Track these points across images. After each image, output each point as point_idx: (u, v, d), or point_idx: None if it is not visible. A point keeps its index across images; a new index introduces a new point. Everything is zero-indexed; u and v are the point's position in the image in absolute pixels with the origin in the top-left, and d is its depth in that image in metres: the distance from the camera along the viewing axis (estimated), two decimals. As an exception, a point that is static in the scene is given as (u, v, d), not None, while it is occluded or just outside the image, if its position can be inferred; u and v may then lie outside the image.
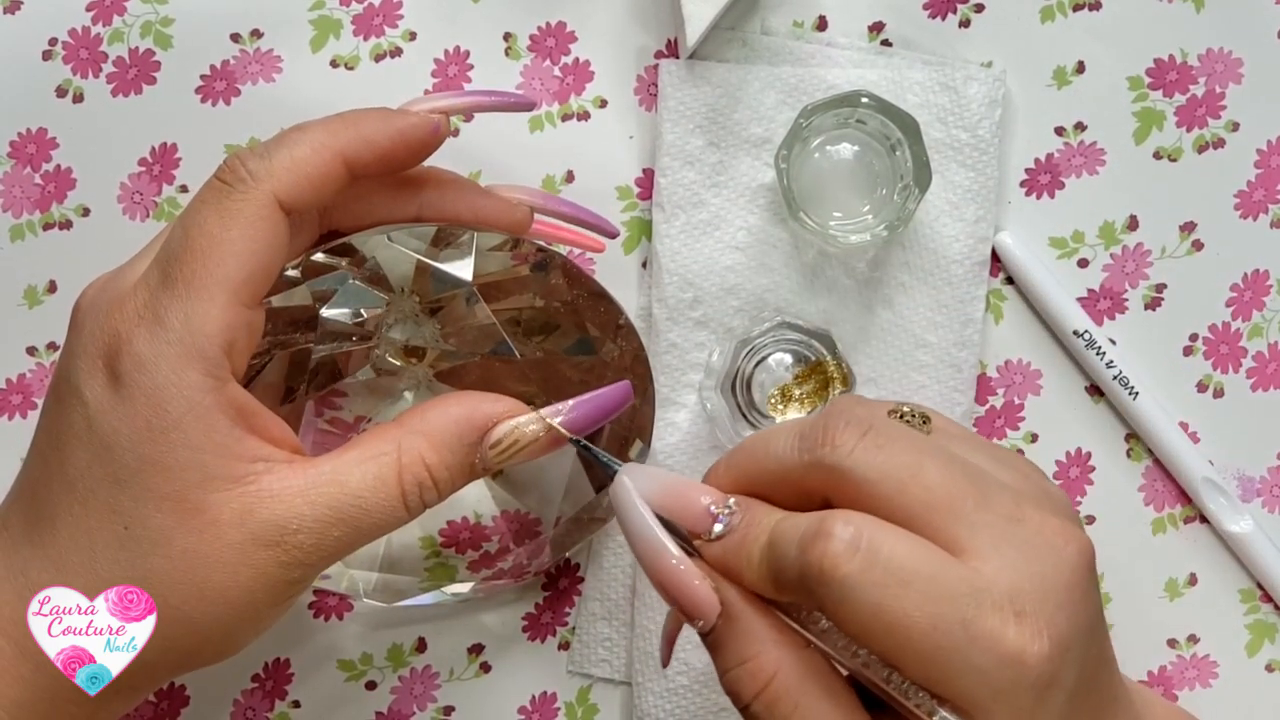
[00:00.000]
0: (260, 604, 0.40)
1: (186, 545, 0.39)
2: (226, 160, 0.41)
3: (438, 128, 0.44)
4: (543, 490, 0.51)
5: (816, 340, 0.51)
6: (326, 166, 0.41)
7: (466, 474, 0.43)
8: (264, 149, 0.41)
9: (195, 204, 0.40)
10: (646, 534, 0.38)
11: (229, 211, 0.40)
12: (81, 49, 0.54)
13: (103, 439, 0.39)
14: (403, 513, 0.41)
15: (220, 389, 0.39)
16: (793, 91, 0.54)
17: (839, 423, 0.37)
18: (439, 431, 0.42)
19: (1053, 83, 0.55)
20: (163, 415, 0.38)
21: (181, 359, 0.39)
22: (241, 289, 0.40)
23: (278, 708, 0.54)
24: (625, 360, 0.49)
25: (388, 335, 0.48)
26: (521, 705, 0.55)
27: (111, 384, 0.39)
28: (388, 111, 0.43)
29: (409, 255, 0.47)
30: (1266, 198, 0.56)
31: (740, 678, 0.37)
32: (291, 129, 0.42)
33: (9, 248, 0.54)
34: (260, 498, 0.39)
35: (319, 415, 0.49)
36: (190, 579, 0.39)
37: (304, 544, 0.40)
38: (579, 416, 0.43)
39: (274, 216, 0.40)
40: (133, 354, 0.39)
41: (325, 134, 0.41)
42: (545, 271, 0.48)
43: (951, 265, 0.54)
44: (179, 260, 0.39)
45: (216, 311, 0.39)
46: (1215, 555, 0.56)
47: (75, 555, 0.39)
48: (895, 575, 0.34)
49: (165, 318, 0.39)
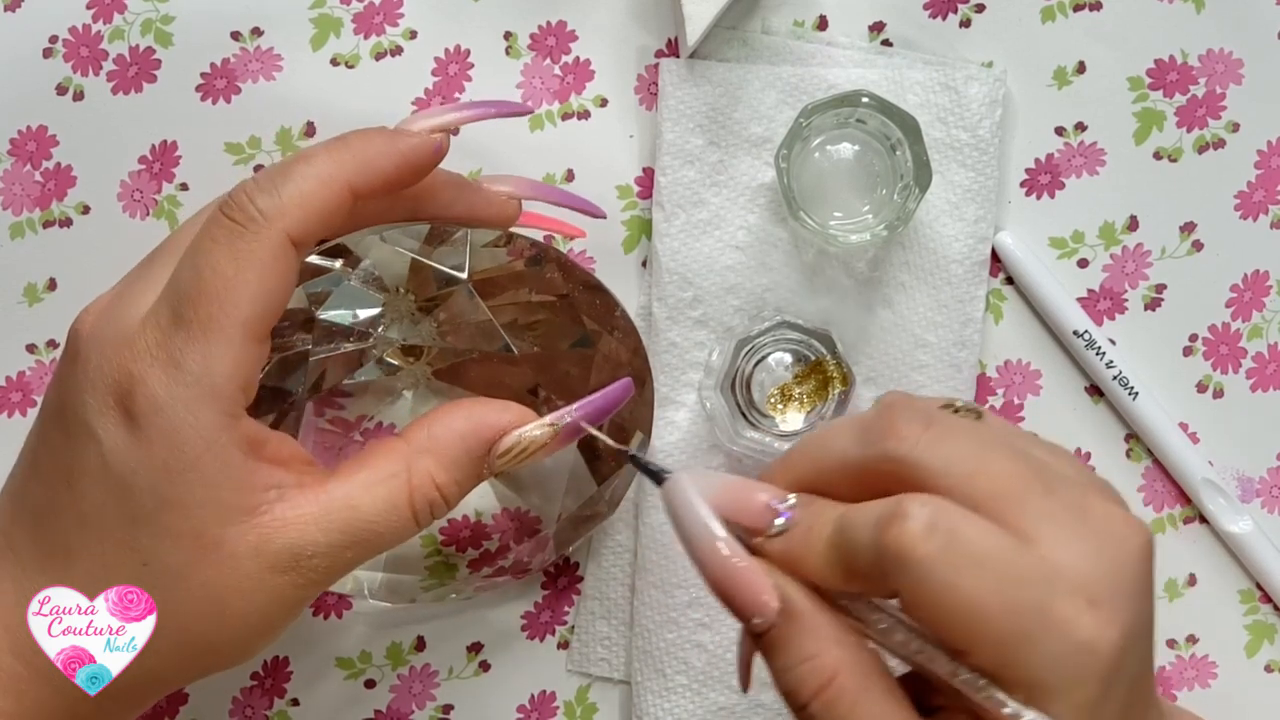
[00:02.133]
0: (276, 621, 0.41)
1: (205, 578, 0.39)
2: (234, 197, 0.40)
3: (439, 147, 0.43)
4: (544, 487, 0.51)
5: (816, 340, 0.51)
6: (335, 199, 0.41)
7: (474, 483, 0.44)
8: (271, 184, 0.40)
9: (205, 243, 0.40)
10: (703, 532, 0.37)
11: (242, 253, 0.39)
12: (82, 47, 0.54)
13: (120, 479, 0.39)
14: (414, 529, 0.42)
15: (235, 425, 0.39)
16: (793, 91, 0.54)
17: (902, 415, 0.37)
18: (447, 449, 0.42)
19: (1053, 83, 0.55)
20: (180, 456, 0.39)
21: (198, 400, 0.39)
22: (256, 327, 0.40)
23: (276, 706, 0.54)
24: (623, 352, 0.49)
25: (385, 335, 0.48)
26: (520, 704, 0.55)
27: (127, 424, 0.39)
28: (390, 134, 0.43)
29: (403, 254, 0.47)
30: (1266, 198, 0.56)
31: (802, 677, 0.36)
32: (297, 159, 0.41)
33: (9, 245, 0.54)
34: (275, 527, 0.40)
35: (319, 415, 0.49)
36: (209, 609, 0.40)
37: (318, 567, 0.40)
38: (582, 418, 0.44)
39: (287, 255, 0.40)
40: (148, 395, 0.39)
41: (332, 165, 0.41)
42: (540, 266, 0.48)
43: (951, 265, 0.54)
44: (192, 302, 0.39)
45: (234, 353, 0.39)
46: (1215, 556, 0.56)
47: (94, 589, 0.40)
48: (972, 558, 0.34)
49: (181, 360, 0.39)
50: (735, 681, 0.54)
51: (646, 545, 0.54)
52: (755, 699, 0.54)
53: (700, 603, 0.54)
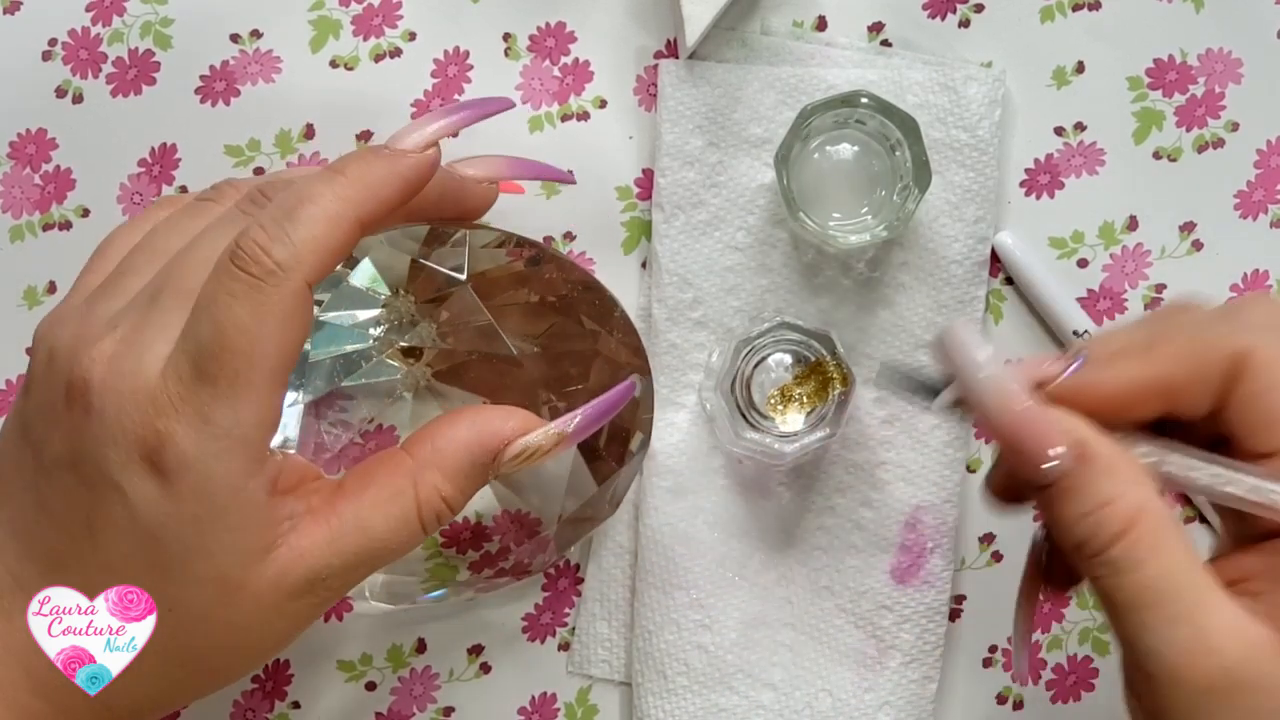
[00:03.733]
0: (288, 640, 0.42)
1: (226, 618, 0.40)
2: (245, 248, 0.39)
3: (435, 161, 0.43)
4: (544, 488, 0.51)
5: (816, 340, 0.51)
6: (346, 237, 0.40)
7: (478, 489, 0.44)
8: (282, 232, 0.39)
9: (223, 299, 0.39)
10: (990, 379, 0.37)
11: (264, 307, 0.39)
12: (81, 49, 0.54)
13: (149, 531, 0.39)
14: (422, 539, 0.43)
15: (261, 470, 0.40)
16: (792, 91, 0.54)
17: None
18: (452, 460, 0.42)
19: (1052, 83, 0.55)
20: (210, 508, 0.39)
21: (229, 454, 0.39)
22: (281, 376, 0.40)
23: (277, 708, 0.54)
24: (623, 352, 0.49)
25: (385, 336, 0.48)
26: (521, 706, 0.55)
27: (155, 479, 0.39)
28: (388, 158, 0.42)
29: (403, 256, 0.47)
30: (1266, 198, 0.56)
31: (1101, 521, 0.36)
32: (301, 200, 0.40)
33: (8, 248, 0.54)
34: (290, 560, 0.40)
35: (319, 418, 0.49)
36: (230, 644, 0.41)
37: (333, 586, 0.41)
38: (585, 420, 0.44)
39: (307, 302, 0.40)
40: (178, 452, 0.38)
41: (339, 203, 0.40)
42: (539, 266, 0.48)
43: (951, 265, 0.54)
44: (216, 359, 0.38)
45: (264, 405, 0.39)
46: (1215, 555, 0.56)
47: None
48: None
49: (210, 416, 0.38)
50: (735, 682, 0.54)
51: (647, 546, 0.54)
52: (755, 699, 0.54)
53: (701, 604, 0.54)
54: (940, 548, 0.54)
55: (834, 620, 0.54)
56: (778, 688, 0.54)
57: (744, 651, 0.54)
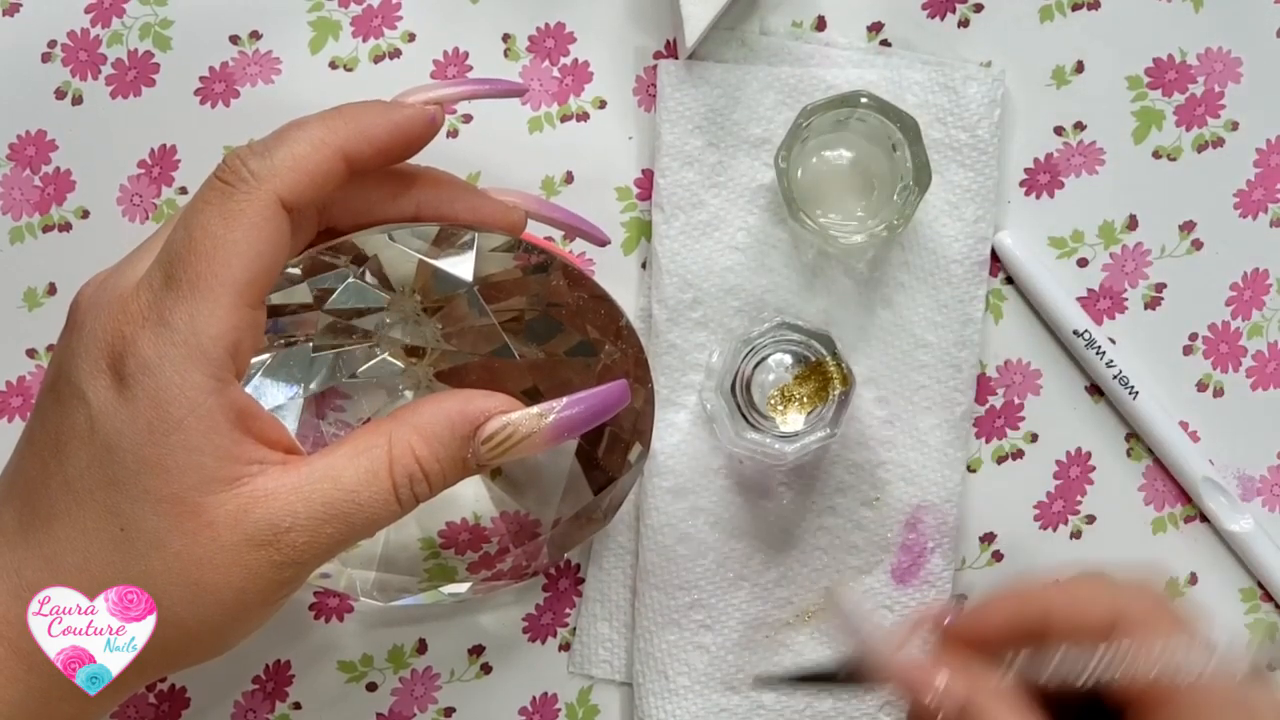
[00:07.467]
0: (252, 604, 0.40)
1: (181, 548, 0.39)
2: (226, 160, 0.40)
3: (434, 118, 0.44)
4: (541, 491, 0.51)
5: (816, 341, 0.51)
6: (327, 163, 0.41)
7: (459, 469, 0.43)
8: (264, 147, 0.40)
9: (197, 205, 0.40)
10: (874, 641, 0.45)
11: (232, 212, 0.39)
12: (80, 51, 0.54)
13: (105, 440, 0.39)
14: (395, 506, 0.41)
15: (223, 391, 0.39)
16: (792, 92, 0.54)
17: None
18: (430, 424, 0.42)
19: (1052, 82, 0.55)
20: (165, 417, 0.38)
21: (186, 361, 0.38)
22: (246, 290, 0.39)
23: (278, 709, 0.54)
24: (625, 363, 0.49)
25: (388, 334, 0.48)
26: (522, 706, 0.55)
27: (116, 385, 0.39)
28: (385, 104, 0.43)
29: (410, 255, 0.46)
30: (1266, 197, 0.56)
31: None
32: (290, 125, 0.42)
33: (8, 250, 0.54)
34: (254, 498, 0.39)
35: (319, 415, 0.49)
36: (184, 580, 0.39)
37: (297, 542, 0.40)
38: (574, 414, 0.43)
39: (277, 216, 0.40)
40: (138, 356, 0.38)
41: (325, 130, 0.41)
42: (546, 273, 0.48)
43: (951, 265, 0.54)
44: (183, 261, 0.39)
45: (222, 313, 0.39)
46: (1215, 555, 0.56)
47: (71, 556, 0.39)
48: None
49: (170, 319, 0.39)
50: (736, 682, 0.54)
51: (648, 547, 0.54)
52: (756, 700, 0.54)
53: (702, 604, 0.54)
54: (940, 548, 0.54)
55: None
56: (779, 688, 0.54)
57: (745, 652, 0.54)
